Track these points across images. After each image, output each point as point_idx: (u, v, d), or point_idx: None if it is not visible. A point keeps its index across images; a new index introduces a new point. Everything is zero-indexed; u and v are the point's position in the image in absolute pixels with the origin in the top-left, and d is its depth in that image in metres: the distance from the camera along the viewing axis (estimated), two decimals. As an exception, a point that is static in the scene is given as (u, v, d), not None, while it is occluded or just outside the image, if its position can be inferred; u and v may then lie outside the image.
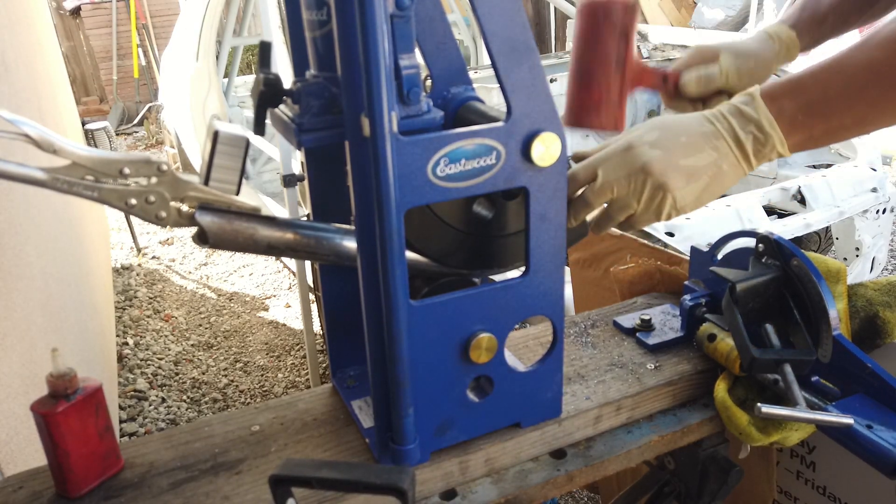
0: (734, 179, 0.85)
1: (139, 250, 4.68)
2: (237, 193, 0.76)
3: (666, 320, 1.14)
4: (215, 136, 0.73)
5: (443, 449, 0.87)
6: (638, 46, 3.98)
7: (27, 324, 1.50)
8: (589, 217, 0.90)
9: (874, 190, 2.66)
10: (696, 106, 1.07)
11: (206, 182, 0.74)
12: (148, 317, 3.75)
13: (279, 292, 4.05)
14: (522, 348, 1.08)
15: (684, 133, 0.83)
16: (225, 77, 4.64)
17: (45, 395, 0.77)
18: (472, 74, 0.90)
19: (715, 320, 1.05)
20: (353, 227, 0.82)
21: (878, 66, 0.77)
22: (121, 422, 2.82)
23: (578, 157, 0.91)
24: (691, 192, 0.83)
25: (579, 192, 0.87)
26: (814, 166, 3.30)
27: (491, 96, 3.15)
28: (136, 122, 8.45)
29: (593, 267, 1.53)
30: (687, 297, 1.09)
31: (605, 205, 0.87)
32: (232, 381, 3.18)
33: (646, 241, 1.38)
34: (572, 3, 4.32)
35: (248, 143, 0.74)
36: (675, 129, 0.84)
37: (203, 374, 3.25)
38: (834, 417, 0.83)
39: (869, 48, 0.78)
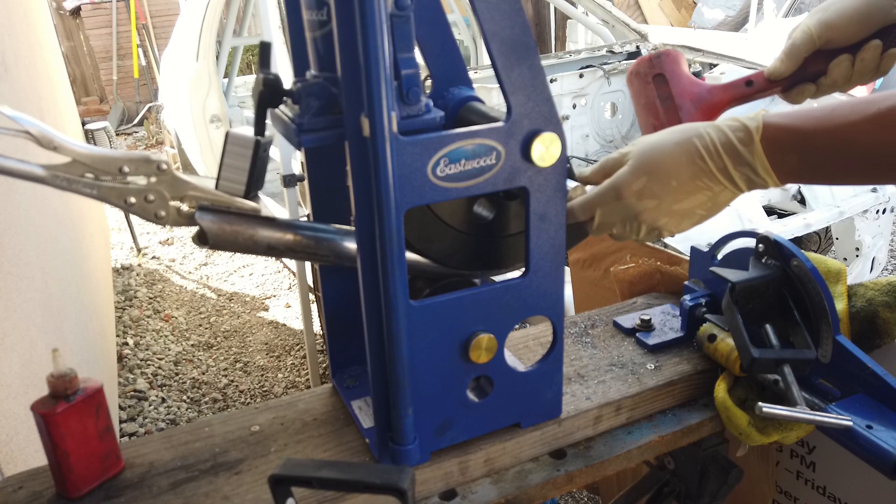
0: (727, 205, 0.83)
1: (139, 250, 4.68)
2: (247, 196, 0.76)
3: (666, 320, 1.14)
4: (226, 137, 0.74)
5: (443, 449, 0.87)
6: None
7: (27, 324, 1.50)
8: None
9: (874, 190, 2.66)
10: (820, 86, 0.94)
11: (218, 183, 0.75)
12: (148, 317, 3.75)
13: (279, 292, 4.05)
14: (522, 348, 1.08)
15: (675, 177, 0.78)
16: (225, 77, 4.64)
17: (46, 395, 0.77)
18: (472, 74, 0.89)
19: (715, 320, 1.05)
20: (352, 228, 0.82)
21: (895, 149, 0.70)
22: (121, 422, 2.82)
23: (581, 179, 0.89)
24: (686, 226, 0.84)
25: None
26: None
27: (491, 96, 3.15)
28: (136, 122, 8.46)
29: (593, 267, 1.53)
30: (687, 297, 1.09)
31: None
32: (232, 381, 3.18)
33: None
34: (572, 3, 4.32)
35: (257, 144, 0.74)
36: (665, 173, 0.79)
37: (203, 374, 3.25)
38: (833, 419, 0.83)
39: (889, 125, 0.70)
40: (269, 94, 0.75)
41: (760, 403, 0.84)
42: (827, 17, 0.88)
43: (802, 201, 2.57)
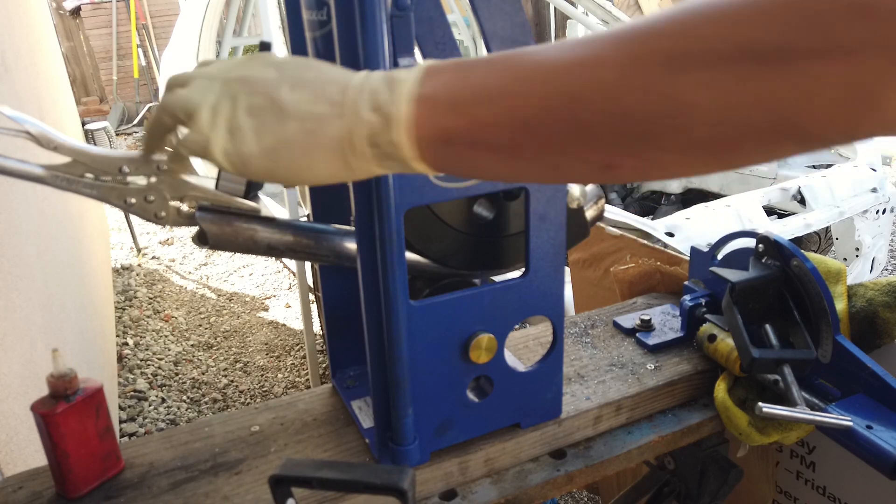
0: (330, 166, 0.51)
1: (139, 250, 4.68)
2: (247, 196, 0.76)
3: (666, 320, 1.14)
4: None
5: (443, 449, 0.87)
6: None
7: (27, 324, 1.50)
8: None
9: (874, 190, 2.66)
10: None
11: (218, 183, 0.75)
12: (148, 317, 3.75)
13: (279, 292, 4.05)
14: (522, 348, 1.08)
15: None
16: (225, 77, 4.63)
17: (46, 395, 0.77)
18: (472, 74, 0.89)
19: (715, 320, 1.05)
20: (352, 228, 0.82)
21: (566, 101, 0.43)
22: (121, 422, 2.82)
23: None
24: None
25: None
26: (814, 166, 3.30)
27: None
28: (136, 122, 8.45)
29: (593, 267, 1.53)
30: (687, 297, 1.09)
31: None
32: (232, 381, 3.18)
33: (646, 242, 1.38)
34: (572, 3, 4.32)
35: None
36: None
37: (203, 374, 3.25)
38: (833, 419, 0.83)
39: (573, 70, 0.43)
40: (269, 94, 0.75)
41: (760, 403, 0.84)
42: None
43: (802, 201, 2.57)
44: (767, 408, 0.83)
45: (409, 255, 0.84)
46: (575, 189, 0.86)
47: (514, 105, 0.45)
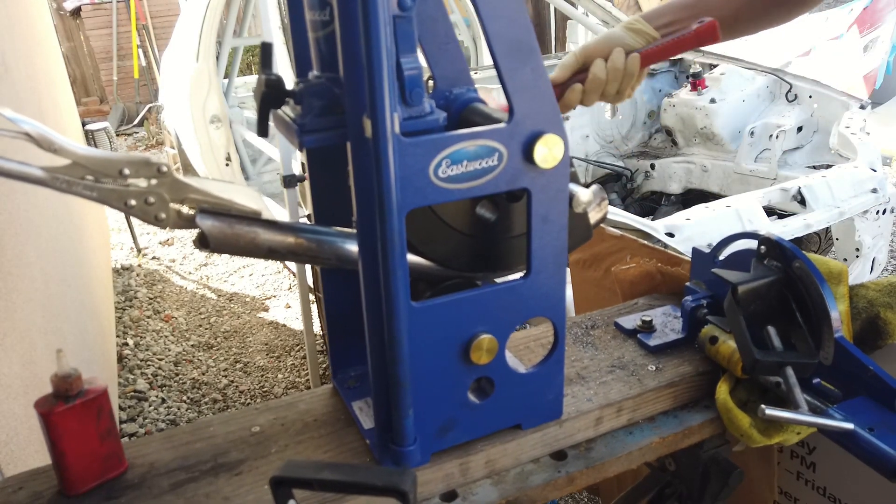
0: None
1: (139, 251, 4.68)
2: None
3: (667, 321, 1.14)
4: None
5: (443, 450, 0.86)
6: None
7: (27, 324, 1.50)
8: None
9: (874, 190, 2.66)
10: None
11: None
12: (148, 317, 3.75)
13: (279, 293, 4.05)
14: (523, 349, 1.08)
15: None
16: (225, 77, 4.64)
17: (50, 393, 0.77)
18: (472, 75, 0.90)
19: (717, 322, 1.05)
20: (354, 231, 0.82)
21: None
22: (121, 422, 2.82)
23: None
24: None
25: None
26: (814, 167, 3.30)
27: (491, 97, 3.15)
28: (136, 122, 8.46)
29: (594, 267, 1.52)
30: (688, 298, 1.09)
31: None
32: (232, 381, 3.18)
33: (646, 242, 1.38)
34: (572, 4, 4.32)
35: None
36: None
37: (203, 374, 3.24)
38: (836, 423, 0.83)
39: None
40: (271, 95, 0.75)
41: (763, 406, 0.83)
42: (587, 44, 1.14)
43: (802, 202, 2.57)
44: (771, 410, 0.83)
45: (411, 257, 0.84)
46: (580, 193, 0.85)
47: None
